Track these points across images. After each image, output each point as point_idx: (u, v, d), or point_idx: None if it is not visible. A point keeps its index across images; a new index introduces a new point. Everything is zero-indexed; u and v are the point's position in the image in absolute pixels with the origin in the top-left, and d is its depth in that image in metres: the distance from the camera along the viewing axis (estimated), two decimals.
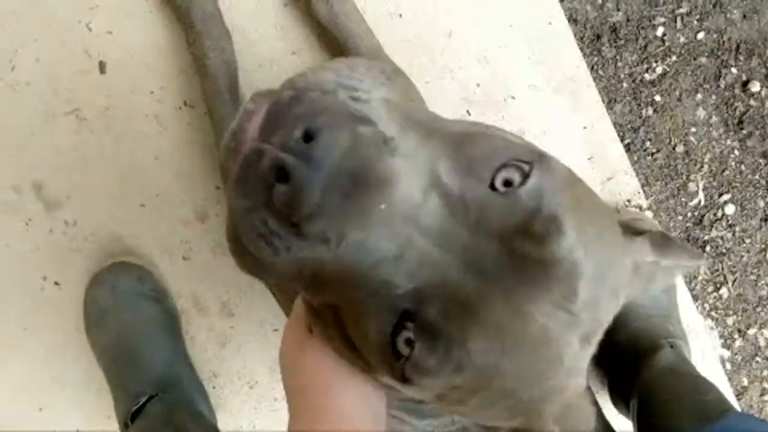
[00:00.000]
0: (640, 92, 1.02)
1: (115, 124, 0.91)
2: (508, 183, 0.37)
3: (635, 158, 1.03)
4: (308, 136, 0.35)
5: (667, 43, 1.03)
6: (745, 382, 1.10)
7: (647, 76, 1.02)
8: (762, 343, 1.10)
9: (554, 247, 0.36)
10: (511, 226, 0.37)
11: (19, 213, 0.92)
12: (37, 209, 0.92)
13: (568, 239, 0.37)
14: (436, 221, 0.37)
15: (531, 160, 0.38)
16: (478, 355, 0.37)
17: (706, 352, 1.07)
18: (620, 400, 0.98)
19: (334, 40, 0.88)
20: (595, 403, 0.79)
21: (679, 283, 1.03)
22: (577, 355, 0.40)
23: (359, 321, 0.39)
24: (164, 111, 0.91)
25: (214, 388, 1.02)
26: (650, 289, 0.96)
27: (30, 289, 0.95)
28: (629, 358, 0.94)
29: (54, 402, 0.98)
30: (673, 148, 1.04)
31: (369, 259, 0.36)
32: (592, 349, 0.41)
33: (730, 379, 1.08)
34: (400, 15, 0.93)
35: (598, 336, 0.41)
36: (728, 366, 1.10)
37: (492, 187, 0.37)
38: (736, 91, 1.04)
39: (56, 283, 0.95)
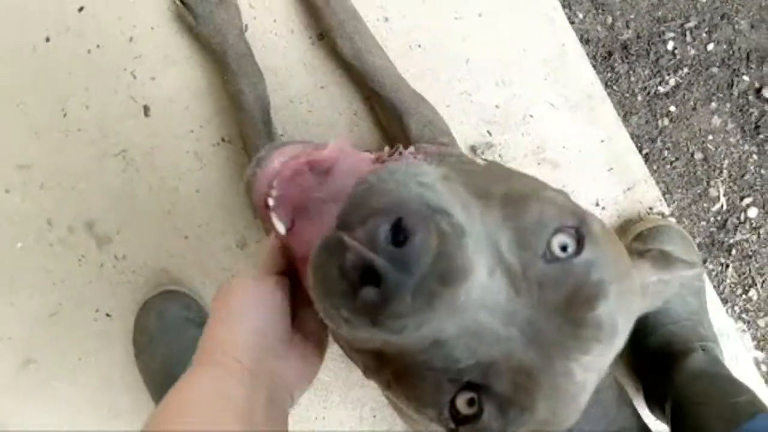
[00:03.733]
0: (655, 104, 1.06)
1: (160, 163, 0.97)
2: (563, 248, 0.42)
3: (654, 167, 1.06)
4: (396, 236, 0.36)
5: (678, 56, 1.07)
6: None
7: (661, 89, 1.06)
8: None
9: (601, 310, 0.41)
10: (564, 295, 0.41)
11: (73, 250, 0.99)
12: (89, 246, 0.99)
13: (611, 301, 0.42)
14: (502, 300, 0.40)
15: (577, 225, 0.42)
16: (540, 414, 0.42)
17: (739, 355, 1.07)
18: (655, 404, 0.99)
19: (358, 75, 0.93)
20: (630, 404, 0.81)
21: (708, 287, 1.05)
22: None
23: (415, 385, 0.42)
24: (204, 148, 0.97)
25: None
26: (658, 302, 0.99)
27: (84, 320, 1.01)
28: (662, 363, 0.95)
29: (108, 429, 1.03)
30: (692, 156, 1.07)
31: (435, 339, 0.39)
32: None
33: (766, 381, 1.09)
34: (419, 46, 0.99)
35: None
36: (763, 368, 1.10)
37: (545, 256, 0.41)
38: (750, 97, 1.07)
39: (108, 315, 1.01)
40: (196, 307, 0.98)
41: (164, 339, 0.96)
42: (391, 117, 0.93)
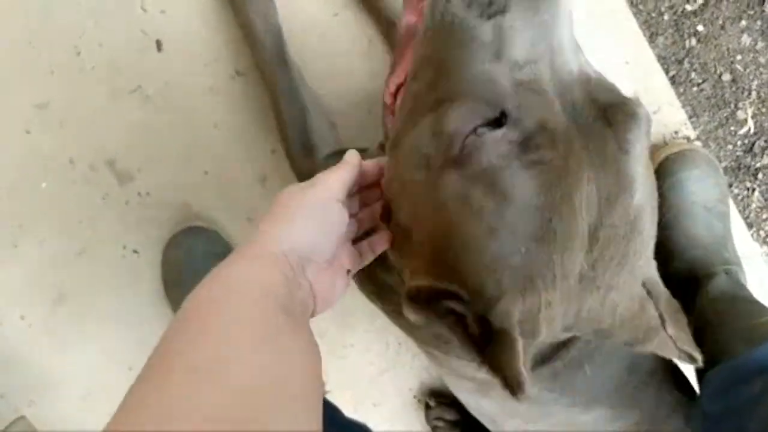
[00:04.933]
0: (682, 23, 1.02)
1: (176, 98, 0.96)
2: None
3: (681, 90, 1.03)
4: None
5: None
6: None
7: (688, 7, 1.02)
8: None
9: (634, 135, 0.46)
10: (616, 98, 0.47)
11: (96, 188, 1.00)
12: (112, 184, 1.00)
13: (642, 144, 0.47)
14: (571, 72, 0.46)
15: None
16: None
17: (764, 280, 1.07)
18: None
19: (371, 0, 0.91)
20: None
21: (733, 211, 1.03)
22: None
23: (457, 74, 0.46)
24: (219, 81, 0.96)
25: None
26: (699, 222, 0.96)
27: (111, 258, 1.03)
28: (686, 287, 0.95)
29: (141, 362, 1.06)
30: (720, 77, 1.03)
31: (500, 49, 0.45)
32: None
33: None
34: None
35: None
36: None
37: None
38: None
39: (135, 251, 1.03)
40: (221, 242, 0.99)
41: (192, 273, 0.97)
42: None
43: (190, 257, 0.96)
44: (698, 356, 0.55)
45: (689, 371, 0.86)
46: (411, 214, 0.50)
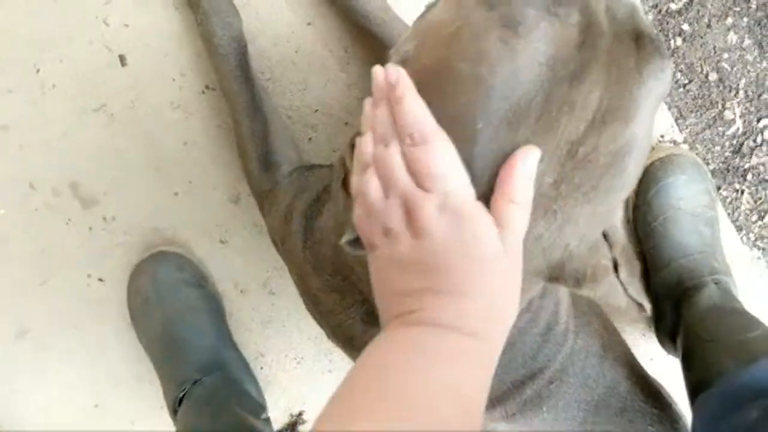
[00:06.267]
0: (667, 23, 0.99)
1: (142, 115, 0.91)
2: None
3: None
4: None
5: None
6: None
7: (673, 6, 0.99)
8: None
9: (654, 66, 0.43)
10: (645, 31, 0.44)
11: (59, 213, 0.94)
12: (75, 208, 0.94)
13: (658, 86, 0.44)
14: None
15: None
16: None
17: (752, 284, 1.04)
18: (666, 339, 0.96)
19: (344, 7, 0.87)
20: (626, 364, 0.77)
21: (722, 214, 1.01)
22: None
23: None
24: (188, 97, 0.91)
25: (262, 368, 1.03)
26: (687, 230, 0.93)
27: (76, 287, 0.97)
28: (673, 297, 0.92)
29: (108, 397, 1.00)
30: (706, 77, 1.01)
31: None
32: None
33: None
34: None
35: None
36: None
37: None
38: None
39: (100, 279, 0.97)
40: (192, 268, 0.94)
41: (159, 302, 0.92)
42: (381, 53, 0.86)
43: (156, 285, 0.91)
44: (646, 304, 0.53)
45: (680, 394, 0.82)
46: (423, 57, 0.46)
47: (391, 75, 0.42)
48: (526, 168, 0.40)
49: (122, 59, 0.89)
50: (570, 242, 0.45)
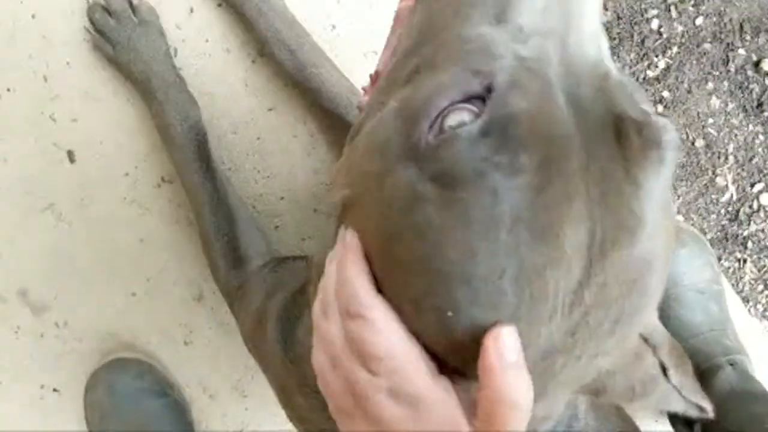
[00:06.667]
0: (646, 90, 0.95)
1: (94, 214, 0.85)
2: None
3: None
4: None
5: (665, 35, 0.96)
6: None
7: (650, 73, 0.95)
8: None
9: (651, 167, 0.33)
10: (637, 111, 0.33)
11: (7, 322, 0.87)
12: (25, 315, 0.87)
13: (660, 180, 0.34)
14: (586, 59, 0.34)
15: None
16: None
17: (766, 355, 0.97)
18: (682, 427, 0.88)
19: (307, 90, 0.82)
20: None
21: (726, 286, 0.94)
22: None
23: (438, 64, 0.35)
24: (142, 192, 0.86)
25: None
26: (694, 308, 0.86)
27: (29, 399, 0.89)
28: None
29: None
30: (693, 144, 0.96)
31: (503, 10, 0.35)
32: None
33: None
34: (375, 52, 0.88)
35: None
36: None
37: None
38: (749, 72, 0.96)
39: (55, 390, 0.89)
40: (151, 375, 0.86)
41: (119, 416, 0.84)
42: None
43: (113, 398, 0.83)
44: (707, 406, 0.48)
45: None
46: (361, 215, 0.38)
47: (346, 239, 0.36)
48: (503, 354, 0.31)
49: (71, 155, 0.84)
50: (603, 366, 0.37)
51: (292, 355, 0.59)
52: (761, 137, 0.96)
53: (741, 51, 0.96)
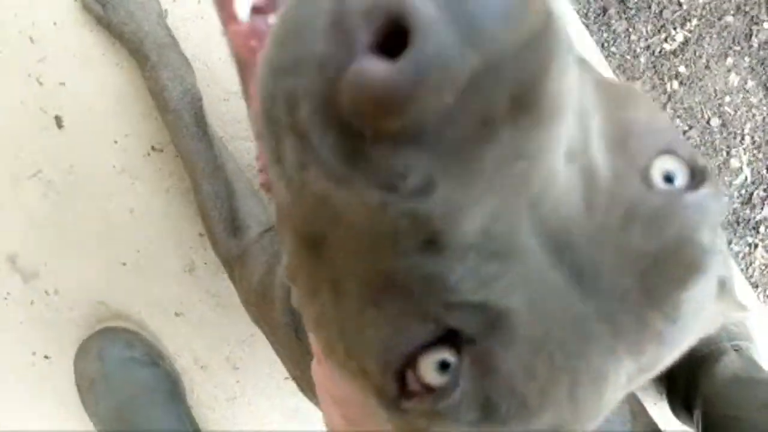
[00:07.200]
0: (662, 65, 0.90)
1: (83, 182, 0.83)
2: (668, 179, 0.27)
3: None
4: None
5: (684, 6, 0.90)
6: None
7: (667, 47, 0.90)
8: None
9: (694, 292, 0.26)
10: (656, 246, 0.26)
11: None
12: (14, 282, 0.86)
13: (707, 284, 0.27)
14: (566, 212, 0.24)
15: (701, 164, 0.27)
16: (545, 420, 0.26)
17: None
18: (681, 410, 0.88)
19: None
20: (646, 415, 0.68)
21: (736, 273, 0.91)
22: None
23: (364, 311, 0.26)
24: (132, 160, 0.83)
25: None
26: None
27: (20, 366, 0.88)
28: (689, 366, 0.84)
29: None
30: (708, 122, 0.91)
31: (438, 228, 0.23)
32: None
33: None
34: None
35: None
36: None
37: (643, 176, 0.26)
38: None
39: (46, 357, 0.89)
40: (141, 344, 0.85)
41: (108, 384, 0.84)
42: None
43: (103, 365, 0.82)
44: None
45: None
46: None
47: None
48: None
49: (58, 121, 0.81)
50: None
51: (300, 331, 0.58)
52: None
53: (766, 25, 0.91)
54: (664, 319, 0.26)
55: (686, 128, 0.91)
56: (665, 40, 0.90)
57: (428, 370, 0.26)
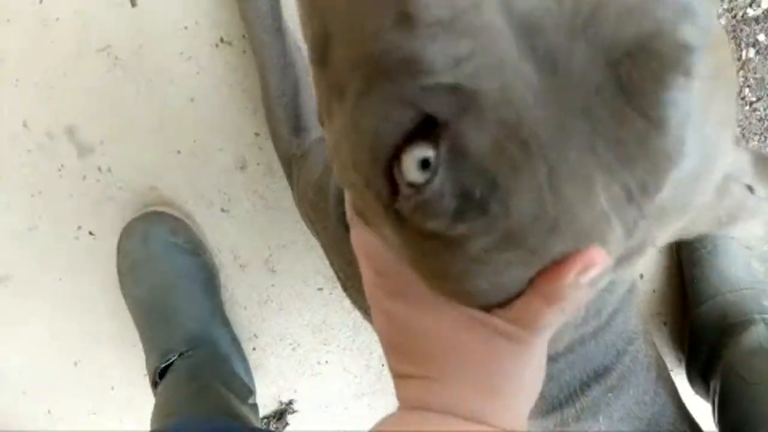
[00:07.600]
0: (741, 31, 0.88)
1: (149, 63, 0.83)
2: None
3: None
4: None
5: None
6: None
7: (750, 12, 0.88)
8: None
9: (676, 95, 0.25)
10: (630, 36, 0.24)
11: (52, 158, 0.87)
12: (70, 155, 0.87)
13: (691, 101, 0.25)
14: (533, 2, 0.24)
15: None
16: (520, 218, 0.26)
17: None
18: (698, 380, 0.88)
19: None
20: (671, 385, 0.69)
21: None
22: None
23: (360, 108, 0.27)
24: (200, 49, 0.83)
25: (254, 349, 0.97)
26: (737, 263, 0.83)
27: (64, 238, 0.91)
28: (714, 334, 0.84)
29: (89, 357, 0.95)
30: None
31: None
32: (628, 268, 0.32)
33: None
34: None
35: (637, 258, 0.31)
36: None
37: None
38: None
39: (91, 233, 0.91)
40: (186, 233, 0.87)
41: (149, 266, 0.86)
42: None
43: (146, 247, 0.84)
44: None
45: None
46: None
47: None
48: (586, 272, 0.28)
49: None
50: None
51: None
52: None
53: None
54: (645, 120, 0.25)
55: (754, 99, 0.90)
56: (750, 4, 0.87)
57: (410, 167, 0.27)
